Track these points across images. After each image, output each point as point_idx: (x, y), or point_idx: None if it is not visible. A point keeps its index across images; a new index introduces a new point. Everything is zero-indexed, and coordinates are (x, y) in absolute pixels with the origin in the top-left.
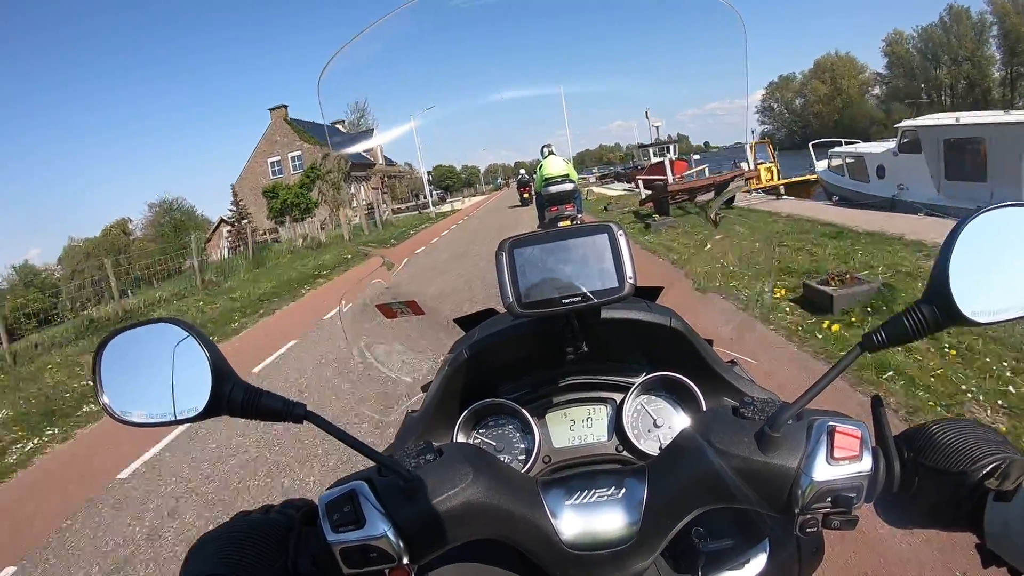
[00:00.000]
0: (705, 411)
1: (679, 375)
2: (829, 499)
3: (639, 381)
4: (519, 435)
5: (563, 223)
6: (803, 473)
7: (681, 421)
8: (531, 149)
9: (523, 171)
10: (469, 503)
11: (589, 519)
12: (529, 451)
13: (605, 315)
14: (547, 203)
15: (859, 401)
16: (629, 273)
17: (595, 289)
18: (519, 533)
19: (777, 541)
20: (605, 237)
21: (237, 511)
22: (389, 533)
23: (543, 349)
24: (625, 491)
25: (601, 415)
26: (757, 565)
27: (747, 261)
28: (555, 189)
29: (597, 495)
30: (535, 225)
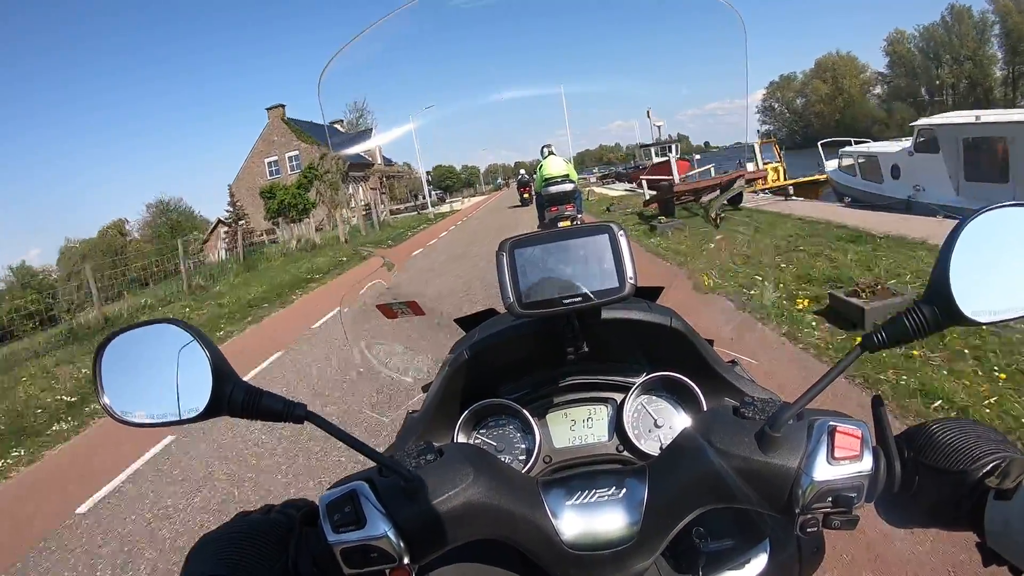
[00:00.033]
0: (706, 411)
1: (680, 375)
2: (830, 499)
3: (640, 381)
4: (520, 435)
5: (563, 223)
6: (804, 473)
7: (682, 421)
8: (531, 149)
9: (523, 171)
10: (470, 503)
11: (590, 519)
12: (530, 451)
13: (606, 315)
14: (547, 203)
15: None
16: (629, 273)
17: (595, 289)
18: (520, 533)
19: (778, 541)
20: (605, 237)
21: (237, 512)
22: (390, 533)
23: (544, 349)
24: (626, 491)
25: (602, 415)
26: (758, 565)
27: (762, 263)
28: (555, 189)
29: (598, 495)
30: (535, 226)
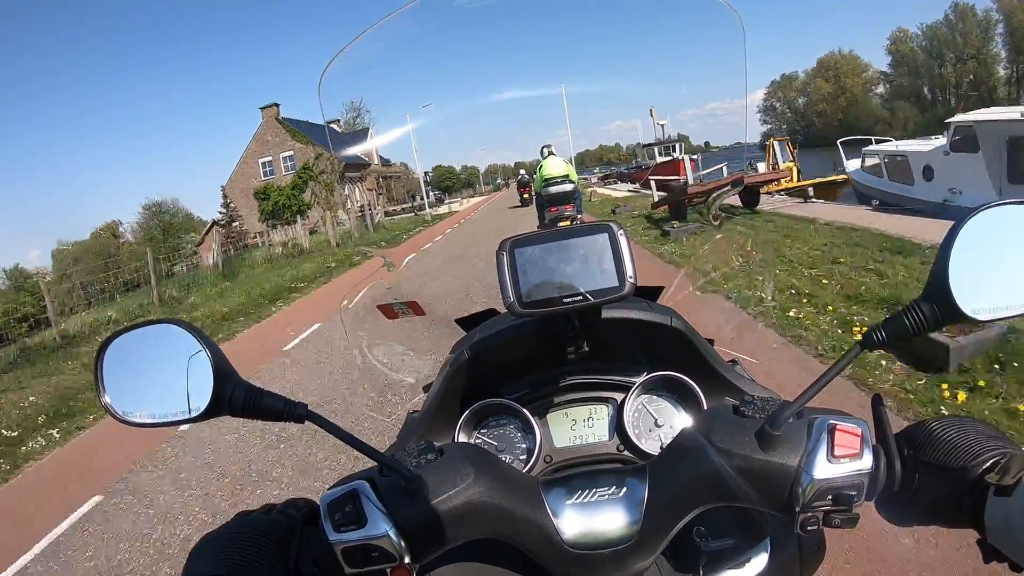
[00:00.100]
0: (706, 410)
1: (680, 374)
2: (830, 497)
3: (640, 381)
4: (520, 435)
5: (563, 223)
6: (804, 471)
7: (682, 420)
8: (531, 149)
9: (523, 171)
10: (470, 503)
11: (590, 518)
12: (530, 451)
13: (606, 315)
14: (547, 203)
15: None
16: (629, 272)
17: (595, 289)
18: (520, 533)
19: (778, 540)
20: (605, 236)
21: (238, 511)
22: (391, 533)
23: (544, 349)
24: (626, 490)
25: (602, 415)
26: (758, 564)
27: (793, 282)
28: (555, 189)
29: (598, 494)
30: (535, 227)
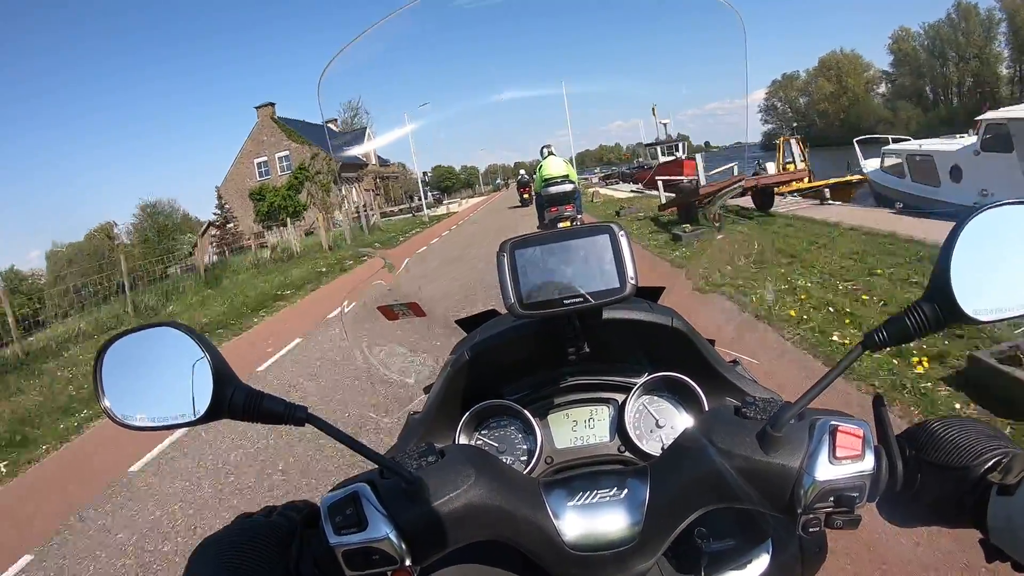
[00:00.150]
0: (707, 411)
1: (681, 375)
2: (832, 498)
3: (641, 381)
4: (521, 436)
5: (563, 224)
6: (805, 472)
7: (683, 421)
8: (531, 149)
9: (523, 171)
10: (471, 504)
11: (591, 520)
12: (531, 452)
13: (607, 315)
14: (547, 204)
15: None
16: (630, 273)
17: (596, 290)
18: (521, 534)
19: (780, 541)
20: (606, 237)
21: (239, 513)
22: (391, 535)
23: (545, 350)
24: (627, 492)
25: (603, 416)
26: (760, 565)
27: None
28: (555, 190)
29: (599, 496)
30: (534, 228)
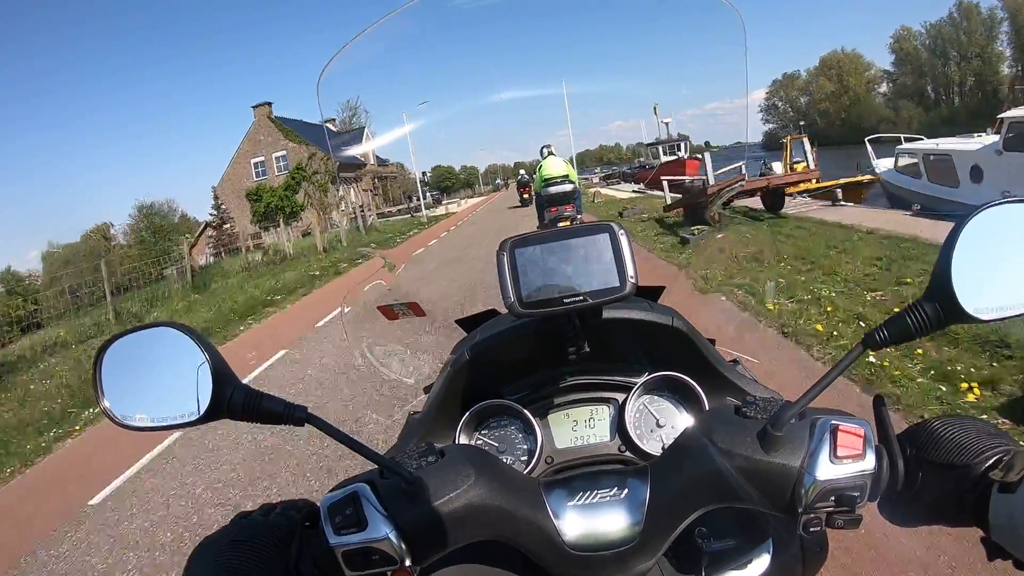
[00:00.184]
0: (708, 411)
1: (681, 375)
2: (832, 498)
3: (641, 381)
4: (521, 436)
5: (562, 224)
6: (806, 472)
7: (684, 421)
8: (531, 149)
9: (523, 171)
10: (471, 504)
11: (592, 520)
12: (531, 452)
13: (607, 315)
14: (546, 204)
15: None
16: (630, 273)
17: (596, 289)
18: (521, 534)
19: (781, 541)
20: (606, 236)
21: (237, 512)
22: (391, 535)
23: (545, 349)
24: (628, 491)
25: (603, 415)
26: (761, 565)
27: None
28: (555, 190)
29: (600, 496)
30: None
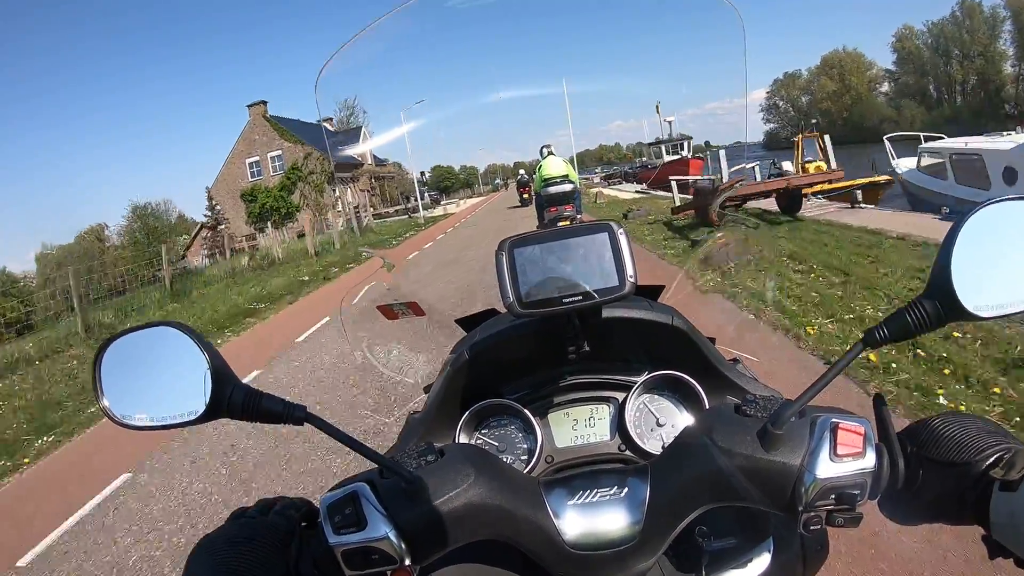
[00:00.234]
0: (708, 409)
1: (681, 374)
2: (833, 496)
3: (641, 380)
4: (521, 435)
5: (562, 224)
6: (806, 470)
7: (684, 420)
8: (531, 149)
9: (523, 171)
10: (471, 504)
11: (592, 519)
12: (531, 451)
13: (606, 314)
14: (546, 203)
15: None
16: (630, 272)
17: (596, 288)
18: (521, 534)
19: (781, 539)
20: (605, 236)
21: (235, 509)
22: (391, 535)
23: (544, 349)
24: (628, 490)
25: (603, 414)
26: (761, 564)
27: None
28: (554, 190)
29: (600, 495)
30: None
